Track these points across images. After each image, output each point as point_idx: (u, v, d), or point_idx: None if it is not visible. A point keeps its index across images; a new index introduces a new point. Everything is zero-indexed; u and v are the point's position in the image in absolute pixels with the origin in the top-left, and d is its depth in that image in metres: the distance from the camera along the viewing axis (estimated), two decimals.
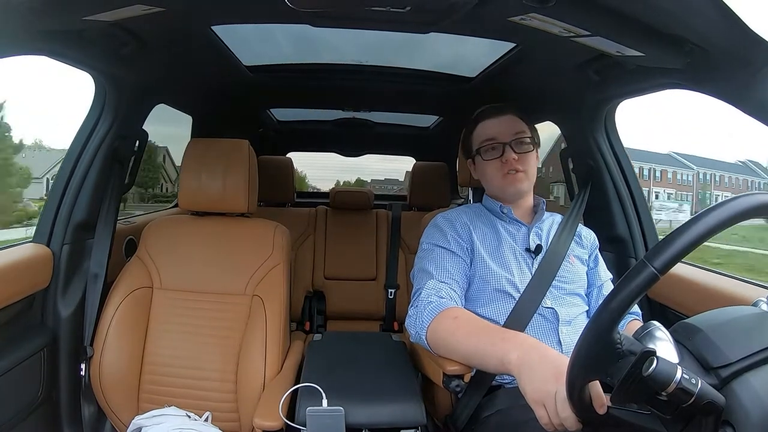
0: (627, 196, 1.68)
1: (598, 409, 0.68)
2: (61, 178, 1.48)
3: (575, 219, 1.43)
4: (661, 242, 0.60)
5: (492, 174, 1.34)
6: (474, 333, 1.03)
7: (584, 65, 1.38)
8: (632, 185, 1.69)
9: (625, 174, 1.69)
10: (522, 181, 1.32)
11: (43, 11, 0.97)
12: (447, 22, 1.23)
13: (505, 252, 1.29)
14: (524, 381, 0.85)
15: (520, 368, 0.87)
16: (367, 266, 2.61)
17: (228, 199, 1.53)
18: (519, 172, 1.31)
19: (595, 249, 1.41)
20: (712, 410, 0.58)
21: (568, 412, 0.73)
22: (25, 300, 1.32)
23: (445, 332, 1.09)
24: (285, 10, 1.07)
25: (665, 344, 0.64)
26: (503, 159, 1.31)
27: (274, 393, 1.23)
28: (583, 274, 1.34)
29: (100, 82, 1.48)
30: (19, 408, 1.27)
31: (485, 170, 1.36)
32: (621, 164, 1.70)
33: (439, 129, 3.07)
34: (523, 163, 1.31)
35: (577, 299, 1.28)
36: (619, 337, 0.63)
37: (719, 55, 0.97)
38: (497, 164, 1.32)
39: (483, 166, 1.36)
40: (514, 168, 1.30)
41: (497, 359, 0.93)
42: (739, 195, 0.60)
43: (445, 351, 1.10)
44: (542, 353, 0.87)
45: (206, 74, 1.88)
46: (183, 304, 1.48)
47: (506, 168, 1.31)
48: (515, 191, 1.33)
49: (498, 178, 1.33)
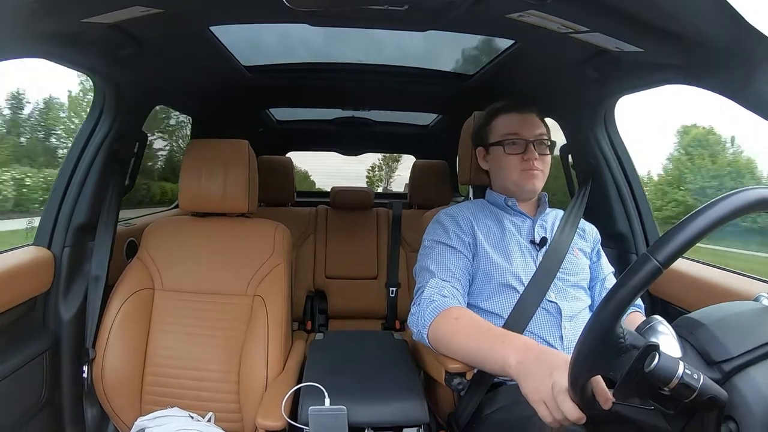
0: (627, 192, 1.68)
1: (603, 404, 0.68)
2: (61, 180, 1.47)
3: (577, 213, 1.42)
4: (663, 236, 0.60)
5: (511, 168, 1.33)
6: (474, 336, 1.04)
7: (583, 62, 1.37)
8: (632, 181, 1.69)
9: (625, 169, 1.69)
10: (539, 179, 1.33)
11: (42, 14, 0.96)
12: (445, 20, 1.23)
13: (509, 244, 1.29)
14: (523, 383, 0.85)
15: (519, 371, 0.88)
16: (368, 265, 2.61)
17: (228, 200, 1.53)
18: (538, 170, 1.31)
19: (597, 243, 1.42)
20: (715, 405, 0.58)
21: (568, 404, 0.73)
22: (27, 303, 1.33)
23: (446, 332, 1.09)
24: (283, 9, 1.07)
25: (668, 338, 0.64)
26: (525, 156, 1.31)
27: (276, 393, 1.23)
28: (587, 267, 1.35)
29: (100, 84, 1.48)
30: (22, 411, 1.27)
31: (503, 163, 1.35)
32: (621, 160, 1.70)
33: (439, 127, 3.07)
34: (542, 163, 1.32)
35: (580, 292, 1.29)
36: (622, 332, 0.62)
37: (718, 51, 0.96)
38: (517, 159, 1.32)
39: (502, 158, 1.35)
40: (535, 167, 1.31)
41: (497, 363, 0.94)
42: (742, 189, 0.60)
43: (446, 350, 1.11)
44: (538, 353, 0.87)
45: (205, 75, 1.88)
46: (184, 305, 1.48)
47: (526, 165, 1.31)
48: (532, 188, 1.33)
49: (516, 173, 1.33)
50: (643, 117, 6.35)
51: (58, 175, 1.50)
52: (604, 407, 0.68)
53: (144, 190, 4.74)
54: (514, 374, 0.89)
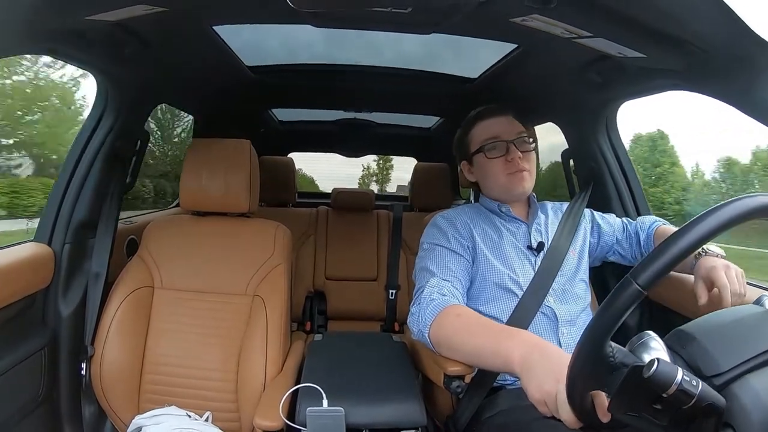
0: (628, 197, 1.68)
1: (602, 418, 0.69)
2: (62, 177, 1.48)
3: (575, 217, 1.42)
4: (646, 258, 0.61)
5: (496, 173, 1.33)
6: (477, 332, 1.03)
7: (586, 66, 1.38)
8: (633, 186, 1.69)
9: (626, 175, 1.69)
10: (527, 181, 1.32)
11: (46, 11, 0.97)
12: (448, 23, 1.23)
13: (507, 249, 1.29)
14: (526, 380, 0.85)
15: (522, 367, 0.87)
16: (368, 267, 2.61)
17: (229, 199, 1.53)
18: (524, 171, 1.31)
19: (590, 221, 1.46)
20: (713, 412, 0.58)
21: (568, 414, 0.74)
22: (26, 299, 1.32)
23: (448, 330, 1.08)
24: (287, 10, 1.07)
25: (660, 354, 0.64)
26: (508, 157, 1.31)
27: (274, 393, 1.23)
28: (585, 266, 1.36)
29: (102, 81, 1.48)
30: (20, 407, 1.27)
31: (488, 169, 1.35)
32: (622, 165, 1.70)
33: (441, 130, 3.07)
34: (527, 161, 1.32)
35: (580, 290, 1.29)
36: (611, 351, 0.64)
37: (721, 57, 0.97)
38: (501, 163, 1.32)
39: (486, 165, 1.35)
40: (520, 167, 1.30)
41: (500, 358, 0.93)
42: (715, 207, 0.61)
43: (447, 349, 1.09)
44: (544, 352, 0.87)
45: (208, 75, 1.88)
46: (184, 304, 1.49)
47: (512, 167, 1.31)
48: (522, 191, 1.33)
49: (502, 178, 1.32)
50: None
51: (59, 171, 1.50)
52: (602, 421, 0.69)
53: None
54: (517, 369, 0.88)
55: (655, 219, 1.45)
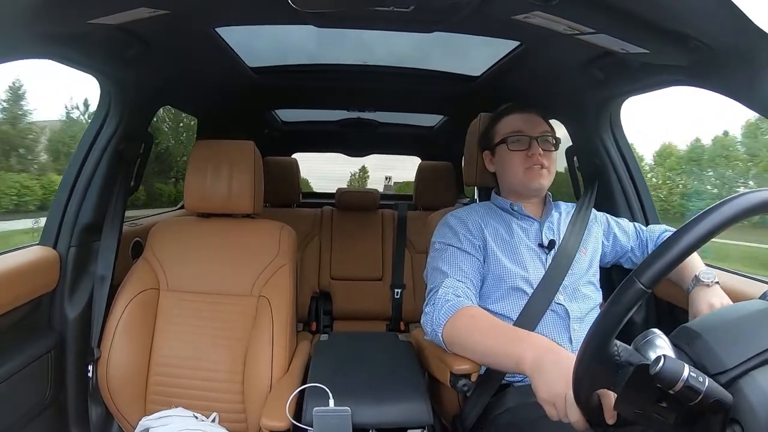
0: (633, 194, 1.67)
1: (608, 419, 0.70)
2: (67, 180, 1.48)
3: (584, 216, 1.42)
4: (649, 257, 0.62)
5: (516, 166, 1.33)
6: (491, 333, 1.04)
7: (589, 63, 1.37)
8: (638, 183, 1.68)
9: (631, 172, 1.68)
10: (545, 177, 1.33)
11: (48, 15, 0.97)
12: (450, 22, 1.23)
13: (518, 248, 1.29)
14: (536, 382, 0.86)
15: (533, 369, 0.88)
16: (373, 266, 2.62)
17: (234, 200, 1.53)
18: (543, 168, 1.31)
19: (604, 224, 1.45)
20: (720, 408, 0.57)
21: (577, 416, 0.75)
22: (33, 302, 1.33)
23: (462, 331, 1.09)
24: (289, 11, 1.07)
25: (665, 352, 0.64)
26: (529, 153, 1.31)
27: (280, 393, 1.23)
28: (596, 268, 1.35)
29: (105, 84, 1.49)
30: (27, 410, 1.28)
31: (508, 161, 1.35)
32: (627, 162, 1.69)
33: (444, 128, 3.07)
34: (548, 159, 1.32)
35: (590, 289, 1.29)
36: (616, 350, 0.64)
37: (724, 52, 0.96)
38: (522, 157, 1.32)
39: (506, 156, 1.35)
40: (540, 163, 1.31)
41: (512, 360, 0.94)
42: (719, 203, 0.61)
43: (460, 349, 1.11)
44: (555, 356, 0.88)
45: (211, 76, 1.89)
46: (189, 306, 1.49)
47: (531, 162, 1.31)
48: (538, 186, 1.33)
49: (521, 171, 1.33)
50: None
51: (64, 174, 1.51)
52: (608, 422, 0.70)
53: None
54: (527, 371, 0.89)
55: (666, 228, 1.46)
